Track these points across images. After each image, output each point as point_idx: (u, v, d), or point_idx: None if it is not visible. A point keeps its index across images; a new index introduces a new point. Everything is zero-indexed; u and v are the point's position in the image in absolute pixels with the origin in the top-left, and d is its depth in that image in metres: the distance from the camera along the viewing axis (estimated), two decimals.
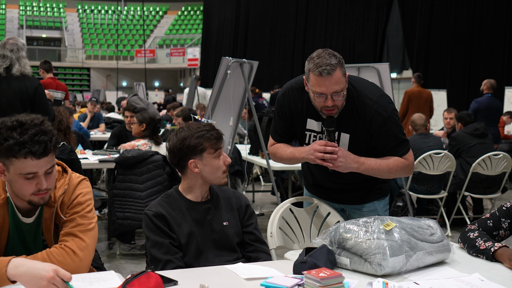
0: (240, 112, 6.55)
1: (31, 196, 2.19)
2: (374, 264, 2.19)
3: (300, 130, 2.99)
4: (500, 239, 2.69)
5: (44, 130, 2.13)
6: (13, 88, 5.12)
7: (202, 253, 2.59)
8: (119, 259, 5.49)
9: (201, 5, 33.44)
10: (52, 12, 36.93)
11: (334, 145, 2.79)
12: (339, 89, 2.71)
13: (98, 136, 10.13)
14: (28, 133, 2.09)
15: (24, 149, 2.08)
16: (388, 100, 2.89)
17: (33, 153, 2.10)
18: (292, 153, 2.97)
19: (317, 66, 2.67)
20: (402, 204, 6.52)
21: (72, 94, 21.55)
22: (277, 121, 3.06)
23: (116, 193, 5.31)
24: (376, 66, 6.13)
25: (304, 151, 2.86)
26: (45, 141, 2.12)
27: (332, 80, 2.68)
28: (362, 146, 2.87)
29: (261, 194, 9.03)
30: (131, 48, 34.34)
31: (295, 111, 2.95)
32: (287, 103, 2.97)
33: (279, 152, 3.06)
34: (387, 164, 2.85)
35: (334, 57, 2.71)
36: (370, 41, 18.78)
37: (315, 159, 2.81)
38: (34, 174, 2.14)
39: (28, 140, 2.09)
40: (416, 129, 6.82)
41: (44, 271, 1.87)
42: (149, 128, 6.00)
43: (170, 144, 2.67)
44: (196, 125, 2.67)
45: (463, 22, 15.16)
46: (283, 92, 3.02)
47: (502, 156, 6.63)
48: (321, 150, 2.78)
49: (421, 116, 6.92)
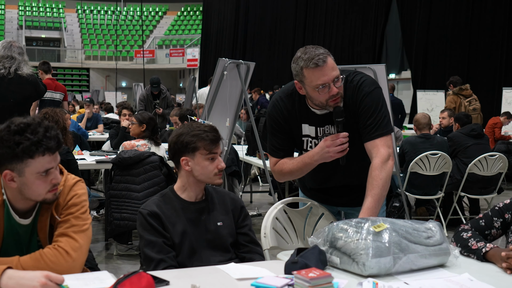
0: (237, 113, 6.57)
1: (47, 194, 2.24)
2: (360, 264, 2.21)
3: (298, 136, 2.97)
4: (493, 238, 2.71)
5: (50, 126, 2.19)
6: (21, 89, 5.25)
7: (196, 253, 2.61)
8: (116, 260, 5.51)
9: (200, 5, 33.46)
10: (52, 12, 36.92)
11: (345, 135, 2.79)
12: (337, 74, 2.72)
13: (96, 137, 10.14)
14: (39, 131, 2.15)
15: (41, 147, 2.14)
16: (375, 84, 2.87)
17: (50, 148, 2.16)
18: (302, 161, 2.90)
19: (310, 60, 2.67)
20: (399, 205, 6.53)
21: (72, 95, 21.57)
22: (274, 136, 2.99)
23: (113, 194, 5.33)
24: (372, 67, 6.14)
25: (316, 152, 2.83)
26: (57, 135, 2.19)
27: (329, 67, 2.68)
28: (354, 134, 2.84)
29: (259, 195, 9.05)
30: (130, 49, 34.34)
31: (290, 119, 2.92)
32: (280, 114, 2.93)
33: (285, 167, 2.96)
34: (379, 186, 2.70)
35: (320, 48, 2.72)
36: (369, 41, 18.81)
37: (333, 155, 2.79)
38: (50, 169, 2.20)
39: (43, 138, 2.15)
40: (420, 128, 6.81)
41: (35, 281, 1.91)
42: (149, 129, 6.01)
43: (169, 138, 2.73)
44: (197, 124, 2.69)
45: (461, 23, 15.20)
46: (273, 105, 2.97)
47: (498, 157, 6.66)
48: (336, 144, 2.77)
49: (424, 115, 6.90)
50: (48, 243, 2.30)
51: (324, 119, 2.88)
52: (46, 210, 2.30)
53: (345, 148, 2.79)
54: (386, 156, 2.74)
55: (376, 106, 2.80)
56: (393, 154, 2.82)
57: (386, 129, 2.80)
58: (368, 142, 2.80)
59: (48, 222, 2.31)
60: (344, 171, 2.94)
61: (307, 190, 3.26)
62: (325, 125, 2.89)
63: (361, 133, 2.82)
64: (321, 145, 2.82)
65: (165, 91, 10.18)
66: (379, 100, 2.82)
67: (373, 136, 2.78)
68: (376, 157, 2.75)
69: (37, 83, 5.68)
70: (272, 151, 3.02)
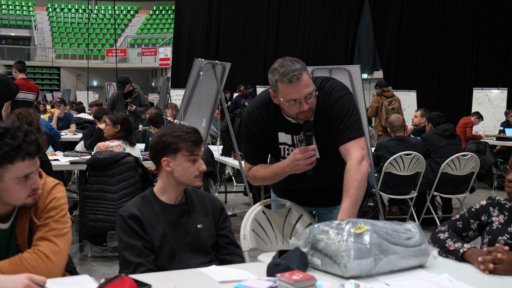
0: (213, 114, 6.56)
1: (27, 199, 2.21)
2: (341, 265, 2.22)
3: (274, 145, 3.00)
4: (469, 239, 2.76)
5: (29, 130, 2.16)
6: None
7: (176, 255, 2.60)
8: (91, 262, 5.46)
9: (172, 4, 33.32)
10: (21, 10, 36.43)
11: (314, 147, 2.85)
12: (310, 91, 2.74)
13: (69, 137, 10.03)
14: (18, 136, 2.12)
15: (21, 152, 2.11)
16: (346, 90, 2.91)
17: (30, 153, 2.13)
18: (274, 171, 2.97)
19: (285, 75, 2.69)
20: (373, 205, 6.59)
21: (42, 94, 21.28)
22: (248, 144, 3.04)
23: (88, 195, 5.28)
24: (347, 68, 6.18)
25: (286, 165, 2.89)
26: (36, 140, 2.16)
27: (302, 84, 2.71)
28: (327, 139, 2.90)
29: (233, 195, 9.05)
30: (102, 47, 34.05)
31: (266, 129, 2.95)
32: (255, 124, 2.96)
33: (258, 174, 3.03)
34: (355, 187, 2.71)
35: (297, 63, 2.73)
36: (342, 42, 18.92)
37: (302, 168, 2.85)
38: (29, 174, 2.16)
39: (22, 143, 2.11)
40: (394, 131, 6.86)
41: (18, 284, 1.89)
42: (123, 129, 5.96)
43: (151, 139, 2.71)
44: (180, 126, 2.69)
45: (433, 23, 15.38)
46: (248, 114, 3.00)
47: (471, 157, 6.76)
48: (305, 157, 2.83)
49: (398, 117, 6.95)
50: (27, 247, 2.27)
51: (300, 127, 2.91)
52: (25, 214, 2.27)
53: (314, 161, 2.85)
54: (360, 157, 2.78)
55: (348, 111, 2.85)
56: (367, 155, 2.86)
57: (358, 132, 2.85)
58: (342, 146, 2.84)
59: (27, 226, 2.28)
60: (313, 176, 2.97)
61: (279, 190, 3.28)
62: (300, 133, 2.93)
63: (335, 137, 2.87)
64: (290, 157, 2.87)
65: (137, 90, 10.07)
66: (350, 105, 2.87)
67: (346, 139, 2.83)
68: (350, 159, 2.79)
69: (9, 84, 5.61)
70: (246, 157, 3.09)
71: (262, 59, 22.49)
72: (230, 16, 25.02)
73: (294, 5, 21.19)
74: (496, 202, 2.75)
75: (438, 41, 15.17)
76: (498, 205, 2.73)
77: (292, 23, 21.24)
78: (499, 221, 2.69)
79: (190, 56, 25.58)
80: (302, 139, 2.92)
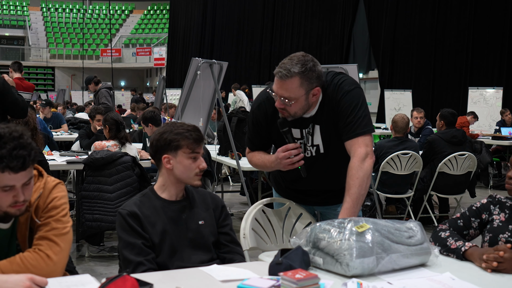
0: (210, 113, 6.55)
1: (8, 208, 2.15)
2: (343, 264, 2.22)
3: (279, 138, 2.95)
4: (470, 238, 2.76)
5: (23, 144, 2.07)
6: None
7: (177, 252, 2.58)
8: (88, 262, 5.44)
9: (167, 4, 33.29)
10: (15, 10, 36.31)
11: (296, 145, 2.83)
12: (286, 96, 2.71)
13: (64, 137, 10.00)
14: (6, 147, 2.03)
15: (1, 163, 2.03)
16: (356, 84, 2.87)
17: (11, 168, 2.04)
18: (263, 162, 3.02)
19: (278, 67, 2.70)
20: (370, 204, 6.58)
21: (36, 94, 21.23)
22: (252, 131, 3.06)
23: (85, 195, 5.26)
24: (344, 67, 6.20)
25: (272, 161, 2.91)
26: (24, 156, 2.06)
27: (284, 85, 2.69)
28: (331, 133, 2.87)
29: (230, 195, 9.04)
30: (96, 47, 33.98)
31: (273, 121, 2.91)
32: (263, 114, 2.95)
33: (253, 160, 3.10)
34: (356, 185, 2.70)
35: (300, 66, 2.67)
36: (337, 41, 18.95)
37: (285, 166, 2.85)
38: (11, 187, 2.10)
39: (7, 155, 2.03)
40: (396, 131, 6.78)
41: (19, 285, 1.87)
42: (113, 129, 5.96)
43: (151, 137, 2.70)
44: (181, 124, 2.68)
45: (428, 23, 15.42)
46: (258, 104, 2.99)
47: (468, 156, 6.74)
48: (286, 156, 2.82)
49: (403, 118, 6.79)
50: (28, 247, 2.26)
51: (307, 120, 2.88)
52: (25, 214, 2.25)
53: (299, 159, 2.83)
54: (363, 155, 2.73)
55: (356, 105, 2.78)
56: (372, 152, 2.81)
57: (366, 128, 2.78)
58: (348, 141, 2.79)
59: (28, 226, 2.26)
60: (315, 176, 2.96)
61: (281, 189, 3.26)
62: (308, 125, 2.90)
63: (341, 133, 2.82)
64: (276, 155, 2.87)
65: (101, 89, 10.00)
66: (359, 99, 2.81)
67: (352, 134, 2.77)
68: (354, 156, 2.75)
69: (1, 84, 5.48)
70: (248, 142, 3.13)
71: (257, 58, 22.50)
72: (224, 16, 25.02)
73: (289, 5, 21.21)
74: (496, 200, 2.75)
75: (433, 40, 15.20)
76: (499, 203, 2.74)
77: (287, 23, 21.26)
78: (500, 219, 2.69)
79: (185, 56, 25.59)
80: (310, 131, 2.89)
